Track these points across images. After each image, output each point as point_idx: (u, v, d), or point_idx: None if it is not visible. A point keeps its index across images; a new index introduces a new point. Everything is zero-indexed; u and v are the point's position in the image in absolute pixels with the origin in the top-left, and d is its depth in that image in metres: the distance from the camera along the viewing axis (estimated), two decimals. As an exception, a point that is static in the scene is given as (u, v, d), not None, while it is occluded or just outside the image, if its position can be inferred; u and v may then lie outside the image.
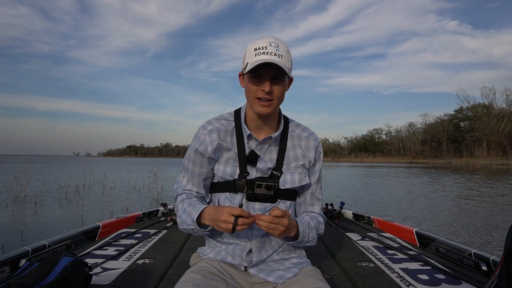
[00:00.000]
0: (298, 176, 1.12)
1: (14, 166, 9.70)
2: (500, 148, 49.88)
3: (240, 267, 1.09)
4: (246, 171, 1.08)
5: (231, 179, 1.09)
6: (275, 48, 1.00)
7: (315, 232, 1.12)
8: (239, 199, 1.09)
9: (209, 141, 1.10)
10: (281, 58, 0.99)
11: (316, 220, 1.15)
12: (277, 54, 0.99)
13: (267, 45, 1.00)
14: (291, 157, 1.13)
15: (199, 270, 1.02)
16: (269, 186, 1.06)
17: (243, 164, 1.09)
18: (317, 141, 1.18)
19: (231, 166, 1.10)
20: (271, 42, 1.01)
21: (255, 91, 1.02)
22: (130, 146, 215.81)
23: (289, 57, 1.03)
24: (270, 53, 0.99)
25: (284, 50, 1.01)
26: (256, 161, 1.09)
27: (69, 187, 9.44)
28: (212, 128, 1.11)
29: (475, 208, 6.86)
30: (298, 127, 1.19)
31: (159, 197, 7.79)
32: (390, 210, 6.71)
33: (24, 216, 5.61)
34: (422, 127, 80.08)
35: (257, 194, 1.06)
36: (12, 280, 1.01)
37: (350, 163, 61.67)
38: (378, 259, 1.68)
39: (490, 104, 57.49)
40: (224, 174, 1.10)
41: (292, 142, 1.14)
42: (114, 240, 1.95)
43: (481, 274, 1.45)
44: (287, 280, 1.04)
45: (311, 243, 1.12)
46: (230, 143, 1.11)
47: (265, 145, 1.11)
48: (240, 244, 1.09)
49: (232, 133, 1.12)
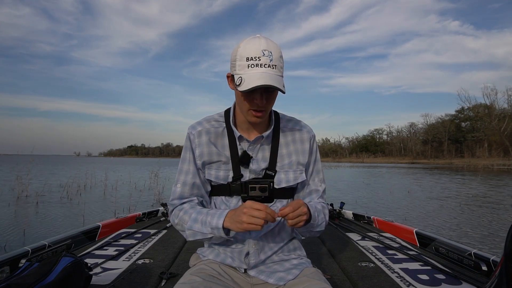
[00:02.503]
0: (292, 174, 1.10)
1: (16, 166, 9.72)
2: (501, 149, 49.78)
3: (240, 269, 1.08)
4: (239, 174, 1.07)
5: (225, 183, 1.08)
6: (269, 58, 0.94)
7: (322, 215, 1.09)
8: (235, 202, 1.08)
9: (198, 144, 1.08)
10: (275, 69, 0.95)
11: (320, 205, 1.12)
12: (271, 65, 0.94)
13: (260, 55, 0.94)
14: (284, 154, 1.10)
15: (198, 272, 1.00)
16: (263, 188, 1.05)
17: (236, 166, 1.07)
18: (310, 133, 1.15)
19: (223, 170, 1.08)
20: (264, 51, 0.94)
21: (248, 104, 0.99)
22: (131, 146, 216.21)
23: (281, 62, 0.98)
24: (264, 65, 0.94)
25: (276, 57, 0.96)
26: (248, 162, 1.07)
27: (70, 187, 9.46)
28: (202, 130, 1.10)
29: (476, 208, 6.85)
30: (290, 121, 1.16)
31: (159, 197, 7.79)
32: (391, 210, 6.70)
33: (26, 216, 5.62)
34: (423, 127, 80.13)
35: (252, 196, 1.05)
36: (12, 280, 1.01)
37: (351, 163, 61.62)
38: (378, 259, 1.68)
39: (492, 104, 57.42)
40: (217, 178, 1.08)
41: (285, 139, 1.12)
42: (114, 240, 1.95)
43: (481, 274, 1.45)
44: (288, 282, 1.02)
45: (320, 227, 1.08)
46: (221, 146, 1.09)
47: (257, 145, 1.09)
48: (237, 246, 1.08)
49: (223, 135, 1.10)
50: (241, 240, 1.08)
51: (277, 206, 1.09)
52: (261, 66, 0.94)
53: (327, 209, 1.15)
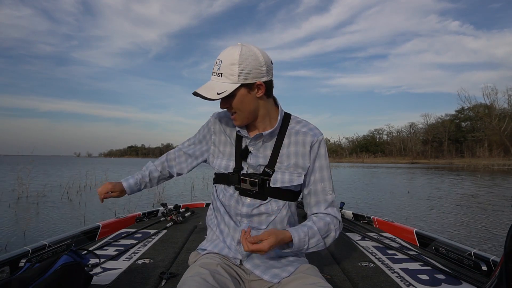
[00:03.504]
0: (288, 176, 1.10)
1: (16, 166, 9.72)
2: (501, 149, 49.76)
3: (235, 261, 1.10)
4: (240, 166, 1.13)
5: (226, 172, 1.14)
6: (218, 66, 1.03)
7: (320, 236, 1.05)
8: (231, 192, 1.14)
9: (213, 130, 1.23)
10: (220, 76, 1.03)
11: (323, 221, 1.08)
12: (217, 73, 1.03)
13: (214, 63, 1.05)
14: (284, 155, 1.11)
15: (204, 265, 1.02)
16: (253, 182, 1.09)
17: (238, 159, 1.14)
18: (315, 137, 1.12)
19: (226, 160, 1.17)
20: (217, 60, 1.04)
21: None
22: (131, 146, 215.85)
23: (232, 69, 1.00)
24: (212, 73, 1.05)
25: (226, 64, 1.01)
26: (246, 156, 1.12)
27: (70, 187, 9.47)
28: (217, 119, 1.23)
29: (476, 208, 6.85)
30: (299, 123, 1.16)
31: (159, 197, 7.79)
32: (391, 210, 6.70)
33: (26, 216, 5.62)
34: (423, 127, 79.97)
35: (243, 188, 1.10)
36: (12, 278, 1.01)
37: (351, 163, 61.61)
38: (378, 259, 1.68)
39: (492, 104, 57.36)
40: (219, 167, 1.17)
41: (289, 140, 1.13)
42: (114, 240, 1.95)
43: (481, 274, 1.45)
44: (283, 279, 1.03)
45: (316, 248, 1.06)
46: (230, 136, 1.18)
47: (258, 142, 1.12)
48: (229, 233, 1.13)
49: (233, 127, 1.18)
50: (233, 227, 1.12)
51: (272, 205, 1.11)
52: (212, 74, 1.06)
53: (333, 225, 1.10)
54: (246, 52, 1.01)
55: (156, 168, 1.36)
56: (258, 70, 1.03)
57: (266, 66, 1.04)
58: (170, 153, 1.37)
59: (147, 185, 1.37)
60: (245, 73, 1.01)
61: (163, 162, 1.36)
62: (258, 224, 1.11)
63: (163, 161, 1.36)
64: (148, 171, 1.36)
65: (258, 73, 1.03)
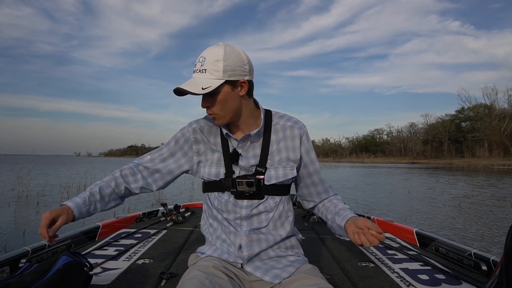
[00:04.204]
0: (282, 171, 1.11)
1: (16, 166, 9.73)
2: (502, 149, 49.79)
3: (236, 264, 1.10)
4: (231, 170, 1.11)
5: (217, 179, 1.12)
6: (201, 63, 1.02)
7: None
8: (226, 197, 1.12)
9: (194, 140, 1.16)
10: (204, 73, 1.01)
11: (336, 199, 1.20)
12: (201, 70, 1.02)
13: (196, 62, 1.04)
14: (274, 151, 1.12)
15: (202, 268, 1.02)
16: (249, 183, 1.08)
17: (228, 163, 1.12)
18: (302, 129, 1.16)
19: (215, 167, 1.13)
20: (200, 58, 1.03)
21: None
22: (131, 146, 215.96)
23: (217, 66, 1.00)
24: (195, 71, 1.03)
25: (210, 61, 1.01)
26: (237, 159, 1.11)
27: (70, 187, 9.47)
28: (196, 127, 1.17)
29: (476, 208, 6.85)
30: (282, 118, 1.17)
31: (159, 197, 7.79)
32: (391, 210, 6.70)
33: (26, 216, 5.62)
34: (423, 127, 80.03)
35: (240, 191, 1.09)
36: (12, 279, 1.01)
37: (351, 163, 61.59)
38: (378, 259, 1.68)
39: (492, 104, 57.38)
40: (209, 175, 1.13)
41: (276, 136, 1.13)
42: (114, 240, 1.95)
43: (481, 274, 1.45)
44: (284, 280, 1.03)
45: None
46: (213, 143, 1.15)
47: (246, 143, 1.12)
48: (230, 239, 1.11)
49: (216, 133, 1.15)
50: (233, 232, 1.11)
51: (269, 202, 1.11)
52: (193, 72, 1.04)
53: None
54: (230, 50, 1.02)
55: (108, 184, 1.17)
56: (242, 68, 1.03)
57: (249, 65, 1.05)
58: (125, 168, 1.21)
59: (98, 205, 1.15)
60: (229, 70, 1.01)
61: (116, 178, 1.18)
62: (258, 223, 1.11)
63: (116, 177, 1.19)
64: (98, 187, 1.15)
65: (241, 71, 1.03)
